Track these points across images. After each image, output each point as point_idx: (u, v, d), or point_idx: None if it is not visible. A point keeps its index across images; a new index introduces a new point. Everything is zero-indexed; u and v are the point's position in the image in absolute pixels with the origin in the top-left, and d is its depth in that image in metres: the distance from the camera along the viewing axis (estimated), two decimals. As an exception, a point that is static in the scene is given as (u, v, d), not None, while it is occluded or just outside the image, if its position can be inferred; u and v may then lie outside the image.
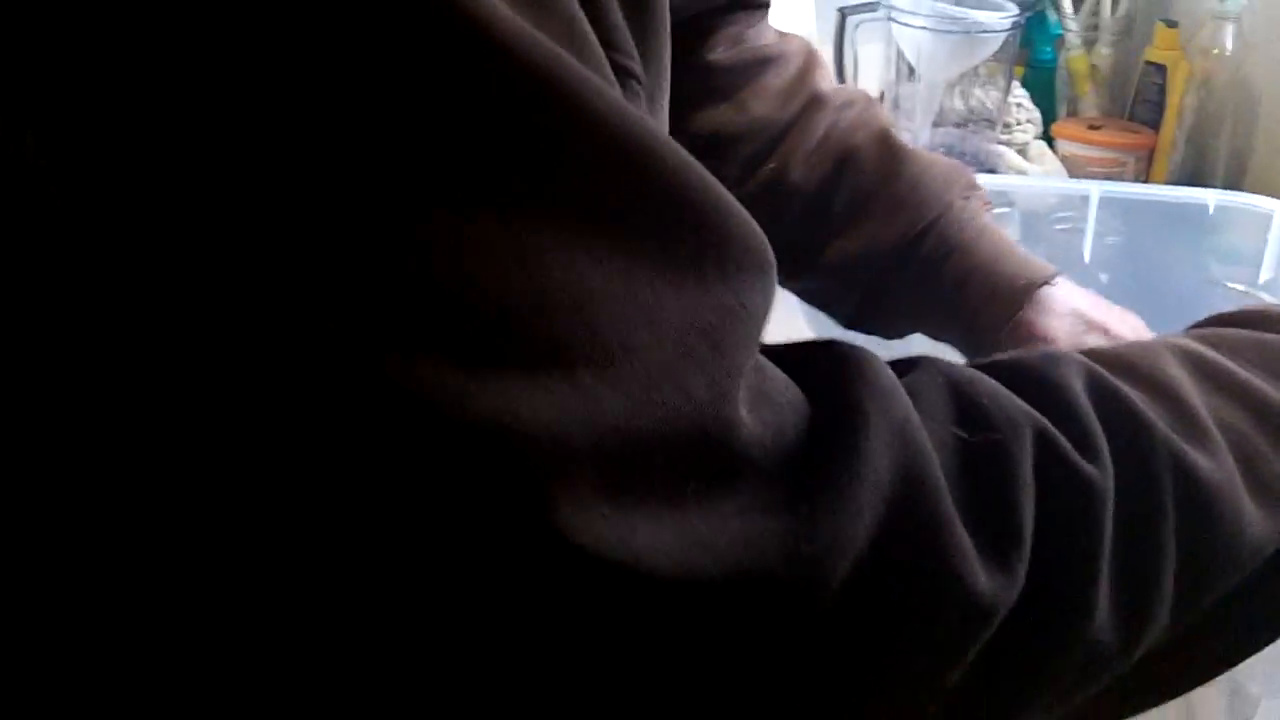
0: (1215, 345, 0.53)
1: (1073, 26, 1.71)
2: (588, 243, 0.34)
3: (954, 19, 1.50)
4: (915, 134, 1.60)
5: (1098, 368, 0.49)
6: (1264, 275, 1.04)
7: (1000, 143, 1.64)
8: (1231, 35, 1.53)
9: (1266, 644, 0.54)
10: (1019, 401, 0.45)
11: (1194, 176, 1.60)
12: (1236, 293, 1.05)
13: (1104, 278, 1.22)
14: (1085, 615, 0.44)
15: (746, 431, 0.37)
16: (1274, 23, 1.53)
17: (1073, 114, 1.75)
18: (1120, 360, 0.50)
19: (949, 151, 1.62)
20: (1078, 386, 0.47)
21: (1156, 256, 1.14)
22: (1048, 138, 1.69)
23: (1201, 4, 1.60)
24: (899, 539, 0.40)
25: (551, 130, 0.34)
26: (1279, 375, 0.52)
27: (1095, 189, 1.11)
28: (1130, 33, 1.74)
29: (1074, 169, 1.64)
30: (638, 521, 0.35)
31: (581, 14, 0.37)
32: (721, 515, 0.37)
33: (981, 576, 0.41)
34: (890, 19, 1.51)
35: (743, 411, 0.37)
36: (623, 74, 0.40)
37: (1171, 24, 1.63)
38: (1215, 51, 1.54)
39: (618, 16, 0.39)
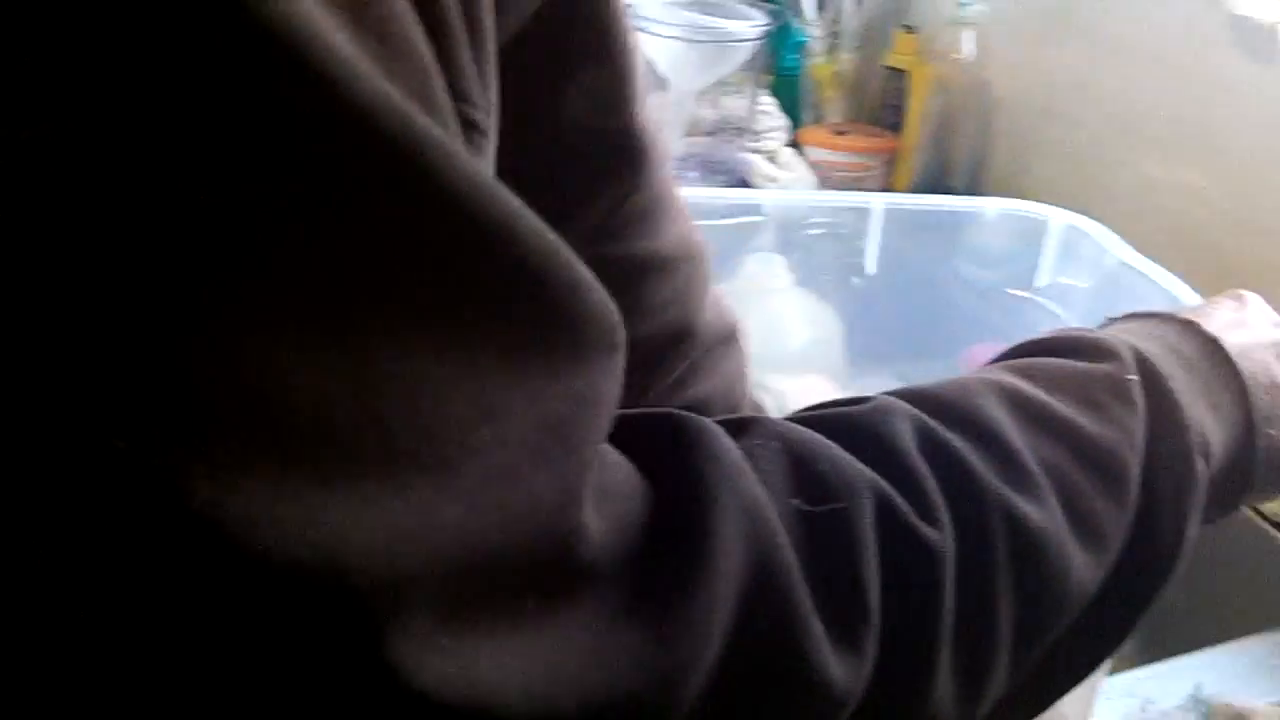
0: (1032, 378, 0.52)
1: (815, 34, 1.73)
2: (427, 331, 0.30)
3: (704, 28, 1.49)
4: (668, 144, 1.59)
5: (925, 418, 0.47)
6: (1041, 280, 1.06)
7: (751, 151, 1.64)
8: (970, 40, 1.56)
9: (1086, 677, 0.54)
10: (857, 464, 0.43)
11: (938, 179, 1.64)
12: (1017, 298, 1.07)
13: (857, 281, 1.23)
14: (928, 687, 0.43)
15: (591, 534, 0.34)
16: (1010, 27, 1.57)
17: (818, 120, 1.76)
18: (942, 404, 0.48)
19: (702, 161, 1.62)
20: (911, 444, 0.45)
21: (928, 264, 1.15)
22: (796, 144, 1.70)
23: (940, 10, 1.63)
24: (754, 637, 0.37)
25: (399, 204, 0.29)
26: (1095, 407, 0.51)
27: (878, 201, 1.11)
28: (871, 39, 1.76)
29: (822, 175, 1.65)
30: (481, 650, 0.31)
31: (434, 63, 0.32)
32: (568, 633, 0.33)
33: (835, 667, 0.39)
34: (640, 29, 1.49)
35: (588, 510, 0.34)
36: (469, 127, 0.35)
37: (910, 29, 1.66)
38: (955, 56, 1.57)
39: (466, 59, 0.35)
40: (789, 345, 1.23)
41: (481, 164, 0.35)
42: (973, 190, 1.64)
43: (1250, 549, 1.00)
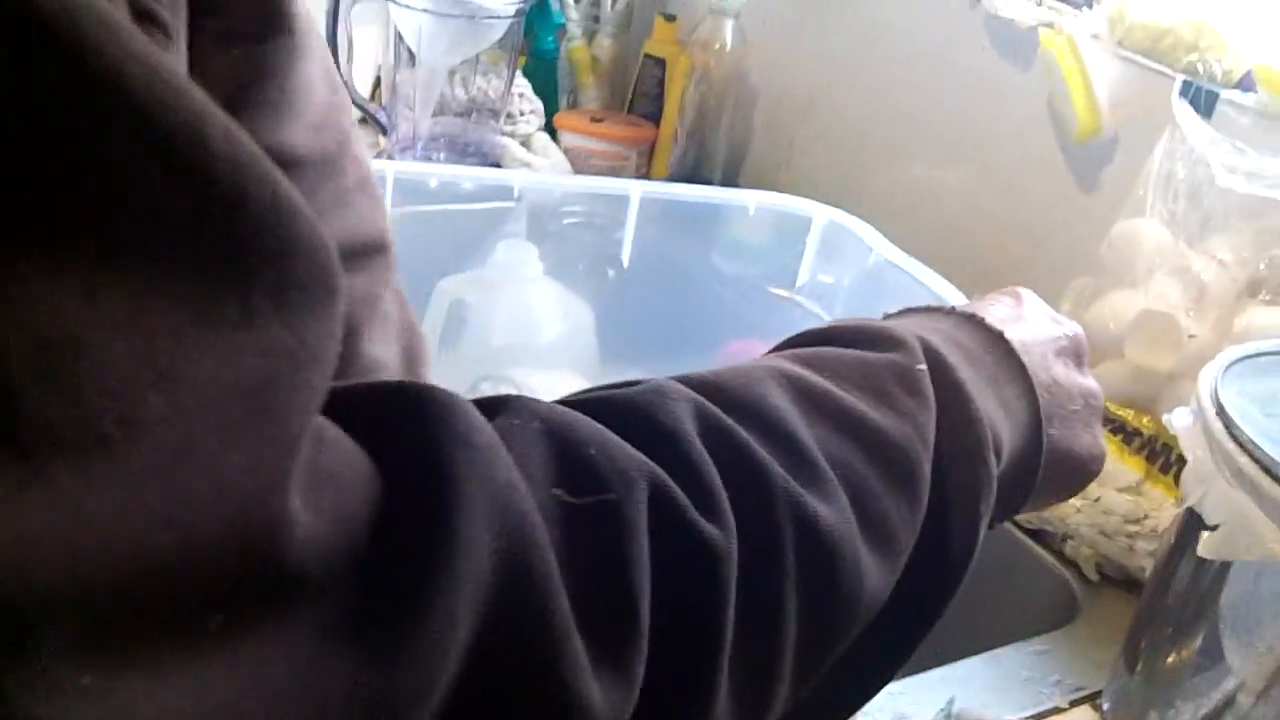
0: (817, 368, 0.47)
1: (574, 16, 1.68)
2: (76, 262, 0.22)
3: (456, 3, 1.42)
4: (415, 123, 1.51)
5: (705, 402, 0.41)
6: (802, 277, 1.03)
7: (504, 134, 1.58)
8: (730, 30, 1.53)
9: (872, 696, 0.50)
10: (629, 449, 0.38)
11: (695, 172, 1.60)
12: (777, 295, 1.03)
13: (612, 273, 1.18)
14: (705, 710, 0.37)
15: (300, 529, 0.27)
16: (768, 19, 1.55)
17: (574, 106, 1.71)
18: (722, 392, 0.43)
19: (451, 142, 1.54)
20: (691, 429, 0.40)
21: (687, 257, 1.10)
22: (550, 129, 1.64)
23: (700, -1, 1.59)
24: (501, 658, 0.31)
25: (40, 85, 0.22)
26: (883, 398, 0.47)
27: (636, 189, 1.06)
28: (630, 25, 1.72)
29: (577, 162, 1.60)
30: (141, 690, 0.24)
31: None
32: (266, 659, 0.26)
33: (597, 692, 0.33)
34: (389, 0, 1.41)
35: (295, 500, 0.27)
36: (145, 19, 0.27)
37: (670, 18, 1.62)
38: (716, 46, 1.53)
39: None
40: (539, 339, 1.17)
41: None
42: (730, 184, 1.61)
43: (1004, 556, 0.99)
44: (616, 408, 0.40)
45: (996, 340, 0.55)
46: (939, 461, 0.47)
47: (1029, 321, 0.59)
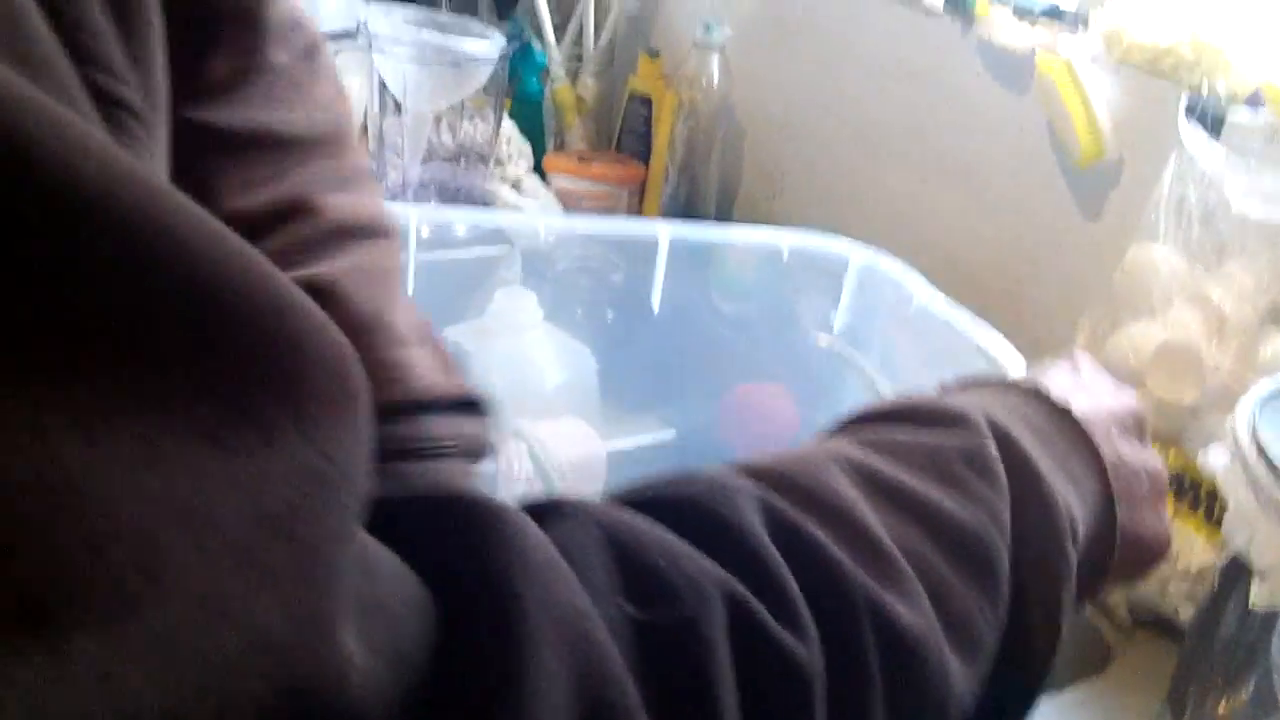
0: (881, 451, 0.44)
1: (556, 57, 1.65)
2: (75, 408, 0.20)
3: (439, 49, 1.39)
4: (404, 170, 1.49)
5: (773, 497, 0.39)
6: (839, 322, 0.99)
7: (494, 178, 1.55)
8: (715, 64, 1.51)
9: None
10: (699, 557, 0.35)
11: (688, 206, 1.58)
12: (823, 346, 1.00)
13: (610, 316, 1.16)
14: None
15: (356, 671, 0.24)
16: (753, 52, 1.53)
17: (560, 146, 1.69)
18: (785, 481, 0.41)
19: (441, 188, 1.52)
20: (760, 528, 0.37)
21: (697, 298, 1.07)
22: (540, 171, 1.61)
23: (683, 34, 1.57)
24: None
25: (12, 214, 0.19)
26: (954, 483, 0.44)
27: (665, 230, 1.02)
28: (613, 63, 1.70)
29: (568, 203, 1.58)
30: None
31: (40, 21, 0.22)
32: None
33: None
34: (371, 48, 1.38)
35: (348, 639, 0.24)
36: (112, 103, 0.25)
37: (654, 54, 1.60)
38: (703, 81, 1.51)
39: (96, 18, 0.25)
40: (542, 386, 1.14)
41: (134, 150, 0.25)
42: (723, 219, 1.59)
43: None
44: (677, 508, 0.37)
45: (1063, 416, 0.52)
46: (1016, 552, 0.44)
47: (1091, 392, 0.56)
